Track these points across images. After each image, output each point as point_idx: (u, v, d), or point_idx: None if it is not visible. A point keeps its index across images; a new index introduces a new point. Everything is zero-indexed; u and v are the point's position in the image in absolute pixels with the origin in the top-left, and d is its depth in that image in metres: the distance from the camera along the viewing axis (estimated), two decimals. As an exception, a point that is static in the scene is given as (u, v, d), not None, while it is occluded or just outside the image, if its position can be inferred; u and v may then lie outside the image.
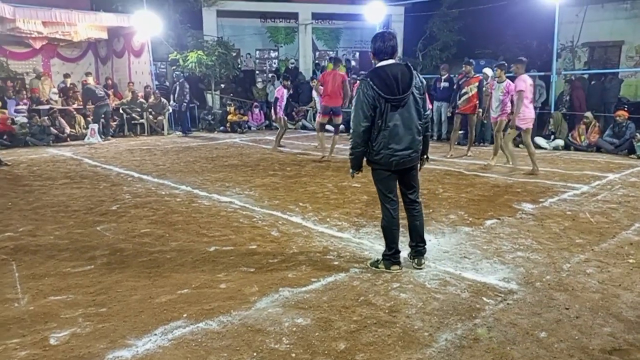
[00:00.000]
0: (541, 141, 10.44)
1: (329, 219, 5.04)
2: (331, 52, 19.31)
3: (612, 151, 9.42)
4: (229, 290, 3.34)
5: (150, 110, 13.54)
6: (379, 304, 3.10)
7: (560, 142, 10.31)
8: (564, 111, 11.20)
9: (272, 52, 19.07)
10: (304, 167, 8.14)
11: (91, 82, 12.71)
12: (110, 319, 2.95)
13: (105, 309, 3.08)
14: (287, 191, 6.33)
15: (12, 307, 3.14)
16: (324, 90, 8.74)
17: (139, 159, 9.16)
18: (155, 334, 2.76)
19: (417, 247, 3.76)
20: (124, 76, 14.77)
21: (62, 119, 12.09)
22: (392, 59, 3.51)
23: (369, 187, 5.79)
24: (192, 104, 14.40)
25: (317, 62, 18.13)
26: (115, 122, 13.01)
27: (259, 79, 17.29)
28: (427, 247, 3.83)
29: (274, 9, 17.75)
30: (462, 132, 10.18)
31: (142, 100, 13.62)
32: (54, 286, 3.44)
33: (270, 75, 17.26)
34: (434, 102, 11.30)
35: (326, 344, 2.64)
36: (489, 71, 9.45)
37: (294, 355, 2.55)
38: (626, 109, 10.07)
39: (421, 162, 3.73)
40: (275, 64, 18.88)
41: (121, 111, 13.30)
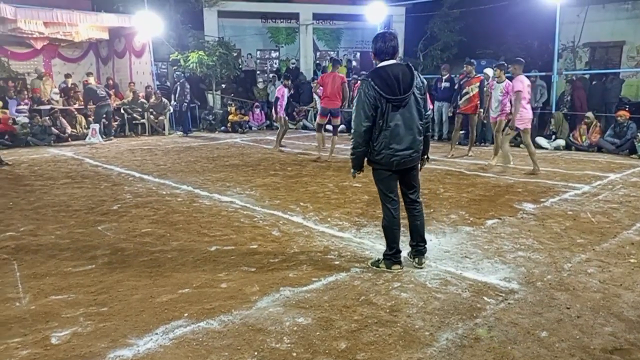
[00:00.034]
0: (542, 141, 10.43)
1: (329, 219, 5.04)
2: (332, 53, 19.32)
3: (613, 151, 9.41)
4: (230, 289, 3.34)
5: (151, 110, 13.55)
6: (379, 304, 3.10)
7: (561, 142, 10.30)
8: (565, 111, 11.18)
9: (273, 52, 19.10)
10: (304, 167, 8.15)
11: (92, 82, 12.73)
12: (111, 318, 2.95)
13: (106, 308, 3.09)
14: (288, 191, 6.34)
15: (14, 306, 3.14)
16: (323, 91, 8.76)
17: (140, 159, 9.17)
18: (156, 333, 2.76)
19: (418, 246, 3.76)
20: (125, 76, 14.78)
21: (63, 119, 12.11)
22: (393, 59, 3.51)
23: (370, 186, 5.79)
24: (193, 104, 14.41)
25: (318, 62, 18.14)
26: (116, 122, 13.02)
27: (259, 79, 17.31)
28: (428, 246, 3.84)
29: (275, 9, 17.77)
30: (463, 132, 10.18)
31: (143, 100, 13.63)
32: (55, 285, 3.44)
33: (271, 75, 17.27)
34: (435, 102, 11.31)
35: (327, 344, 2.64)
36: (490, 71, 9.45)
37: (294, 354, 2.55)
38: (627, 109, 10.05)
39: (421, 162, 3.74)
40: (276, 64, 18.90)
41: (122, 111, 13.31)
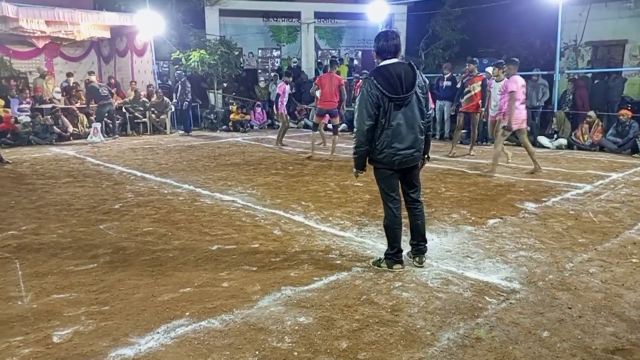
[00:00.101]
0: (544, 140, 10.42)
1: (331, 218, 5.04)
2: (333, 51, 19.31)
3: (615, 150, 9.39)
4: (231, 288, 3.34)
5: (152, 109, 13.57)
6: (381, 303, 3.10)
7: (563, 141, 10.28)
8: (567, 110, 11.17)
9: (274, 51, 19.09)
10: (306, 166, 8.15)
11: (95, 80, 12.75)
12: (112, 317, 2.96)
13: (108, 307, 3.09)
14: (290, 190, 6.34)
15: (16, 305, 3.15)
16: (321, 93, 8.80)
17: (142, 158, 9.18)
18: (157, 332, 2.77)
19: (419, 245, 3.76)
20: (126, 75, 14.79)
21: (65, 118, 12.14)
22: (396, 58, 3.50)
23: (371, 186, 5.79)
24: (195, 103, 14.42)
25: (319, 61, 18.13)
26: (118, 121, 13.04)
27: (261, 78, 17.32)
28: (429, 246, 3.84)
29: (277, 8, 17.76)
30: (465, 131, 10.16)
31: (144, 99, 13.65)
32: (57, 284, 3.45)
33: (272, 74, 17.28)
34: (437, 101, 11.29)
35: (328, 343, 2.64)
36: (491, 70, 9.44)
37: (296, 353, 2.55)
38: (629, 108, 10.02)
39: (422, 162, 3.73)
40: (277, 63, 18.90)
41: (124, 110, 13.33)
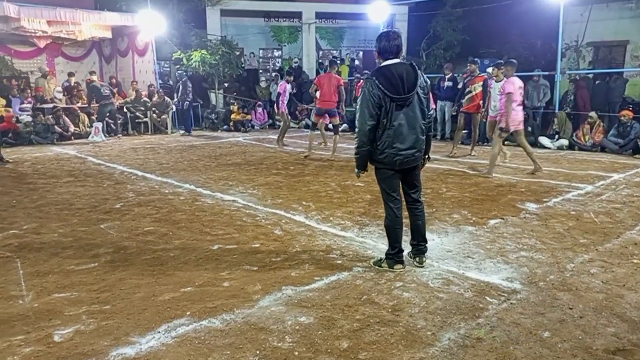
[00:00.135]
0: (545, 141, 10.41)
1: (332, 218, 5.04)
2: (334, 52, 19.32)
3: (616, 151, 9.38)
4: (232, 288, 3.35)
5: (153, 109, 13.57)
6: (382, 303, 3.10)
7: (564, 141, 10.27)
8: (569, 111, 11.16)
9: (275, 51, 19.11)
10: (307, 166, 8.15)
11: (96, 80, 12.75)
12: (113, 316, 2.96)
13: (108, 306, 3.09)
14: (290, 190, 6.34)
15: (17, 304, 3.15)
16: (320, 92, 8.82)
17: (143, 158, 9.19)
18: (158, 332, 2.77)
19: (419, 245, 3.76)
20: (127, 75, 14.80)
21: (66, 118, 12.14)
22: (397, 58, 3.50)
23: (372, 186, 5.79)
24: (196, 102, 14.43)
25: (320, 61, 18.14)
26: (119, 121, 13.05)
27: (262, 78, 17.32)
28: (430, 246, 3.84)
29: (278, 8, 17.77)
30: (466, 131, 10.16)
31: (145, 99, 13.65)
32: (58, 283, 3.45)
33: (273, 74, 17.30)
34: (438, 102, 11.29)
35: (329, 343, 2.64)
36: (491, 70, 9.44)
37: (296, 353, 2.55)
38: (631, 109, 10.02)
39: (422, 162, 3.73)
40: (278, 63, 18.92)
41: (125, 110, 13.34)
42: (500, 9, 14.55)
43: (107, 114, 12.32)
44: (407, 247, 3.83)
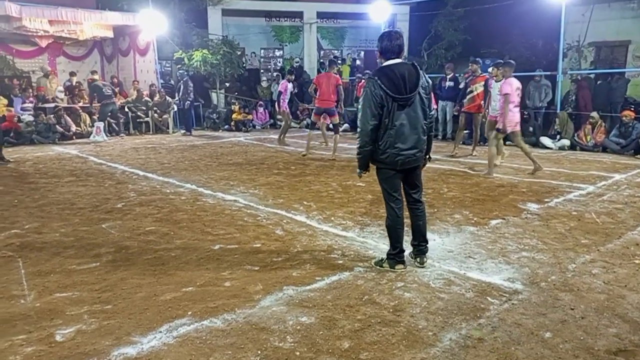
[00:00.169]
0: (547, 141, 10.40)
1: (333, 218, 5.04)
2: (336, 51, 19.31)
3: (618, 151, 9.37)
4: (234, 288, 3.35)
5: (155, 108, 13.58)
6: (383, 303, 3.10)
7: (566, 142, 10.26)
8: (570, 111, 11.14)
9: (276, 51, 19.10)
10: (308, 166, 8.15)
11: (98, 80, 12.77)
12: (115, 316, 2.96)
13: (110, 306, 3.10)
14: (292, 190, 6.34)
15: (18, 303, 3.15)
16: (318, 92, 8.83)
17: (144, 157, 9.19)
18: (160, 331, 2.77)
19: (420, 245, 3.76)
20: (129, 75, 14.81)
21: (67, 117, 12.15)
22: (399, 58, 3.51)
23: (374, 186, 5.79)
24: (197, 102, 14.44)
25: (321, 61, 18.13)
26: (121, 121, 13.06)
27: (263, 78, 17.33)
28: (431, 246, 3.84)
29: (279, 7, 17.77)
30: (467, 131, 10.16)
31: (147, 98, 13.67)
32: (60, 283, 3.45)
33: (275, 74, 17.30)
34: (439, 102, 11.29)
35: (330, 343, 2.64)
36: (491, 70, 9.43)
37: (298, 353, 2.55)
38: (633, 109, 10.00)
39: (424, 162, 3.73)
40: (280, 62, 18.91)
41: (126, 109, 13.35)
42: (501, 8, 14.54)
43: (109, 114, 12.33)
44: (408, 248, 3.83)
